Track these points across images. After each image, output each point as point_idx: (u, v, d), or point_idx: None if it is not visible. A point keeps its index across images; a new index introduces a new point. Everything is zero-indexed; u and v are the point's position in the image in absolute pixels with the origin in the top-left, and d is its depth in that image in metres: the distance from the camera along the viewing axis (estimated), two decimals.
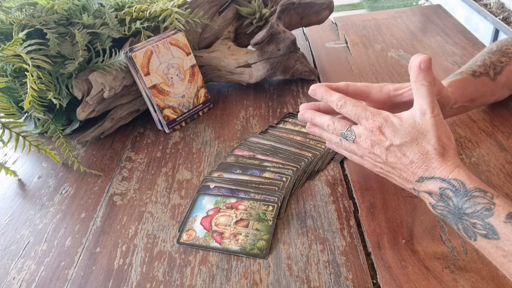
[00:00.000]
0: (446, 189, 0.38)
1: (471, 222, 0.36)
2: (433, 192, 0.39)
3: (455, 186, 0.37)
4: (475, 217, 0.35)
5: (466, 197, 0.36)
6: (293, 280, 0.43)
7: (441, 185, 0.38)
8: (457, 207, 0.37)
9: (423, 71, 0.41)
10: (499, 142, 0.57)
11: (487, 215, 0.35)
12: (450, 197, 0.37)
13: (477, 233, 0.36)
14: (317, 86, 0.48)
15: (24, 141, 0.62)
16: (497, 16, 1.96)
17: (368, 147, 0.43)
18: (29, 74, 0.58)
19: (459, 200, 0.37)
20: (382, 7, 3.23)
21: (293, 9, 0.77)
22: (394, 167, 0.42)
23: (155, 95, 0.65)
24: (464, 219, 0.36)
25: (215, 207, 0.53)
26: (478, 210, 0.35)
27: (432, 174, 0.39)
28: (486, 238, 0.35)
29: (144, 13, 0.68)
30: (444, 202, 0.38)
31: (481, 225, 0.35)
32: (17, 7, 0.64)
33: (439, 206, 0.39)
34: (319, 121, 0.49)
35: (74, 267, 0.48)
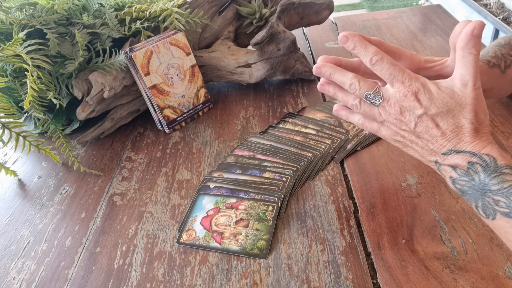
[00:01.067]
0: (476, 163, 0.36)
1: (494, 199, 0.35)
2: (459, 166, 0.37)
3: (486, 161, 0.36)
4: (500, 194, 0.34)
5: (495, 173, 0.35)
6: (293, 280, 0.43)
7: (470, 159, 0.36)
8: (483, 182, 0.35)
9: (474, 38, 0.37)
10: (499, 142, 0.57)
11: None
12: (478, 172, 0.36)
13: (498, 211, 0.34)
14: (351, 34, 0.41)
15: (24, 141, 0.62)
16: (497, 16, 1.96)
17: (396, 113, 0.40)
18: (29, 74, 0.58)
19: (487, 175, 0.35)
20: (382, 7, 3.23)
21: (293, 9, 0.77)
22: (421, 137, 0.40)
23: (155, 95, 0.65)
24: (486, 196, 0.35)
25: (215, 207, 0.53)
26: (505, 187, 0.34)
27: (463, 148, 0.37)
28: (507, 217, 0.34)
29: (144, 13, 0.68)
30: (469, 177, 0.36)
31: (505, 202, 0.34)
32: (17, 7, 0.64)
33: (461, 181, 0.37)
34: (340, 78, 0.43)
35: (74, 267, 0.48)
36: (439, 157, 0.39)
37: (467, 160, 0.37)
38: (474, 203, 0.37)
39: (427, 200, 0.49)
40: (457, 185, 0.38)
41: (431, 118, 0.38)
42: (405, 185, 0.52)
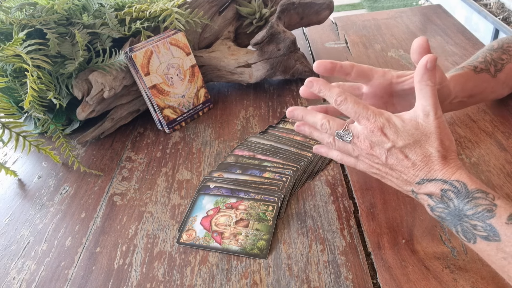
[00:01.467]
0: (448, 190, 0.37)
1: (471, 224, 0.36)
2: (433, 194, 0.38)
3: (457, 188, 0.37)
4: (476, 219, 0.35)
5: (467, 198, 0.36)
6: (293, 280, 0.43)
7: (442, 187, 0.38)
8: (458, 208, 0.36)
9: (428, 71, 0.40)
10: (499, 142, 0.57)
11: (488, 216, 0.35)
12: (451, 199, 0.37)
13: (477, 235, 0.35)
14: (315, 79, 0.44)
15: (24, 141, 0.62)
16: (497, 16, 1.96)
17: (367, 148, 0.42)
18: (29, 74, 0.58)
19: (460, 201, 0.36)
20: (382, 7, 3.23)
21: (293, 9, 0.77)
22: (394, 169, 0.41)
23: (155, 95, 0.65)
24: (464, 221, 0.36)
25: (215, 207, 0.53)
26: (480, 212, 0.35)
27: (434, 176, 0.39)
28: (486, 240, 0.35)
29: (144, 13, 0.68)
30: (445, 204, 0.38)
31: (482, 226, 0.35)
32: (17, 7, 0.64)
33: (438, 208, 0.38)
34: (311, 120, 0.46)
35: (74, 267, 0.48)
36: (414, 187, 0.40)
37: (439, 188, 0.38)
38: (454, 228, 0.38)
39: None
40: (436, 212, 0.39)
41: (400, 150, 0.40)
42: None
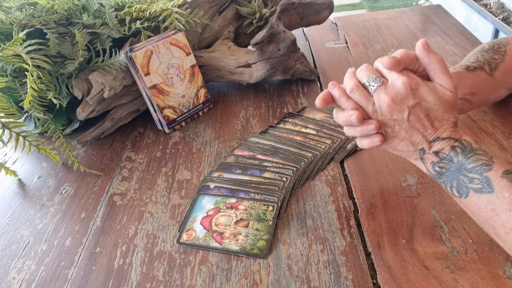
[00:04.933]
0: (457, 147, 0.40)
1: (469, 177, 0.39)
2: (442, 150, 0.41)
3: (464, 145, 0.40)
4: (475, 171, 0.38)
5: (471, 153, 0.39)
6: (293, 280, 0.43)
7: (453, 144, 0.40)
8: (461, 162, 0.39)
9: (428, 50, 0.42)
10: (499, 142, 0.57)
11: (486, 169, 0.38)
12: (458, 153, 0.40)
13: (471, 189, 0.38)
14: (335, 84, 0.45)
15: (24, 141, 0.62)
16: (497, 16, 1.96)
17: (391, 100, 0.41)
18: (29, 74, 0.58)
19: (464, 156, 0.39)
20: (382, 7, 3.23)
21: (293, 9, 0.77)
22: (413, 126, 0.42)
23: (155, 95, 0.65)
24: (462, 174, 0.39)
25: (215, 207, 0.53)
26: (479, 165, 0.38)
27: (447, 135, 0.41)
28: (478, 193, 0.38)
29: (144, 13, 0.68)
30: (449, 159, 0.40)
31: (479, 179, 0.38)
32: (17, 7, 0.64)
33: (442, 164, 0.41)
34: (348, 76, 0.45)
35: (74, 267, 0.48)
36: (426, 145, 0.42)
37: (450, 145, 0.41)
38: (449, 183, 0.40)
39: (427, 200, 0.49)
40: (437, 168, 0.41)
41: (425, 108, 0.42)
42: (405, 185, 0.52)
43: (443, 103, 0.42)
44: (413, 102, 0.41)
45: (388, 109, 0.42)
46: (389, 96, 0.41)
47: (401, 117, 0.42)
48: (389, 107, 0.41)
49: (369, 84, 0.43)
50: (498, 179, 0.37)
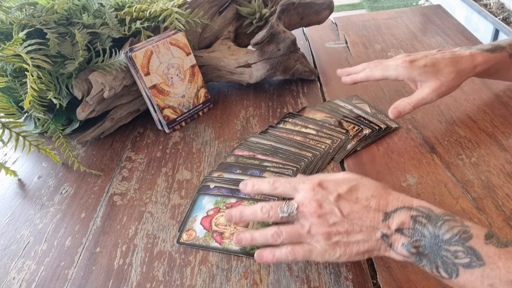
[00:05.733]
0: (417, 216, 0.35)
1: (451, 251, 0.33)
2: (405, 225, 0.35)
3: (424, 212, 0.35)
4: (455, 243, 0.33)
5: (439, 221, 0.34)
6: (293, 280, 0.43)
7: (411, 213, 0.35)
8: (434, 234, 0.34)
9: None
10: (499, 142, 0.57)
11: (466, 238, 0.33)
12: (424, 224, 0.34)
13: (459, 265, 0.32)
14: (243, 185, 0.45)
15: (24, 141, 0.62)
16: (497, 16, 1.96)
17: (316, 209, 0.38)
18: (29, 74, 0.58)
19: (434, 226, 0.34)
20: (382, 7, 3.23)
21: (293, 9, 0.77)
22: (353, 219, 0.37)
23: (155, 95, 0.65)
24: (443, 250, 0.33)
25: (215, 207, 0.53)
26: (457, 234, 0.33)
27: (395, 206, 0.36)
28: (469, 269, 0.32)
29: (144, 13, 0.68)
30: (419, 233, 0.34)
31: (463, 251, 0.32)
32: (17, 7, 0.64)
33: (414, 242, 0.35)
34: (248, 211, 0.42)
35: (74, 267, 0.48)
36: (382, 228, 0.36)
37: (409, 215, 0.35)
38: (434, 264, 0.34)
39: (427, 200, 0.49)
40: (412, 249, 0.35)
41: (348, 195, 0.38)
42: (405, 185, 0.52)
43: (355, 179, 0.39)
44: (333, 196, 0.38)
45: (320, 219, 0.38)
46: (312, 207, 0.38)
47: (337, 217, 0.37)
48: (319, 216, 0.38)
49: (288, 214, 0.39)
50: (485, 248, 0.32)
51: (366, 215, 0.37)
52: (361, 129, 0.62)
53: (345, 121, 0.64)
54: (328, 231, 0.38)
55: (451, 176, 0.52)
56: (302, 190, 0.40)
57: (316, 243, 0.38)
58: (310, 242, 0.39)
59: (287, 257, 0.39)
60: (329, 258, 0.38)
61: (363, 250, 0.37)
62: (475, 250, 0.32)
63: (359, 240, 0.37)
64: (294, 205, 0.39)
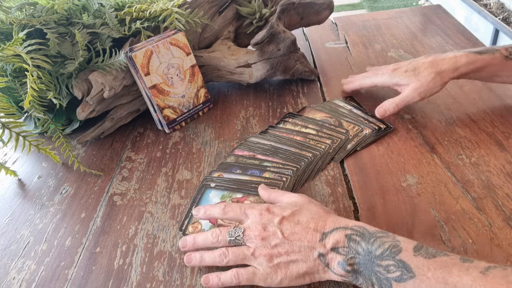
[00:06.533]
0: (352, 234, 0.37)
1: (383, 266, 0.34)
2: (340, 243, 0.37)
3: (359, 231, 0.37)
4: (386, 257, 0.35)
5: (372, 238, 0.36)
6: None
7: (346, 232, 0.38)
8: (367, 251, 0.36)
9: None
10: (499, 142, 0.57)
11: (396, 251, 0.35)
12: (358, 242, 0.36)
13: (391, 280, 0.34)
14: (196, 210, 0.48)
15: (24, 141, 0.62)
16: (497, 16, 1.96)
17: (260, 232, 0.41)
18: (29, 74, 0.58)
19: (367, 242, 0.36)
20: (382, 7, 3.23)
21: (293, 9, 0.77)
22: (293, 239, 0.39)
23: (155, 95, 0.65)
24: (376, 265, 0.35)
25: (221, 201, 0.53)
26: (387, 249, 0.35)
27: (333, 227, 0.39)
28: (401, 282, 0.33)
29: (144, 13, 0.68)
30: (353, 251, 0.36)
31: (394, 265, 0.34)
32: (17, 7, 0.64)
33: (349, 260, 0.36)
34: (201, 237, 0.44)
35: (74, 267, 0.48)
36: (319, 248, 0.38)
37: (343, 234, 0.38)
38: (369, 282, 0.36)
39: (427, 200, 0.49)
40: (348, 267, 0.36)
41: (291, 218, 0.41)
42: (405, 185, 0.52)
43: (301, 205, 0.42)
44: (277, 219, 0.41)
45: (263, 241, 0.40)
46: (257, 230, 0.41)
47: (278, 239, 0.40)
48: (263, 238, 0.40)
49: (235, 238, 0.42)
50: (414, 259, 0.34)
51: (305, 236, 0.39)
52: (361, 129, 0.62)
53: (345, 121, 0.64)
54: (270, 252, 0.40)
55: (451, 176, 0.52)
56: (251, 215, 0.43)
57: (259, 265, 0.40)
58: (254, 264, 0.41)
59: (232, 280, 0.41)
60: (271, 282, 0.40)
61: (303, 271, 0.39)
62: (405, 263, 0.34)
63: (298, 260, 0.39)
64: (241, 229, 0.42)
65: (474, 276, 0.31)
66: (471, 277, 0.31)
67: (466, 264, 0.32)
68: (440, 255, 0.34)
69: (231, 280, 0.41)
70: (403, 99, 0.59)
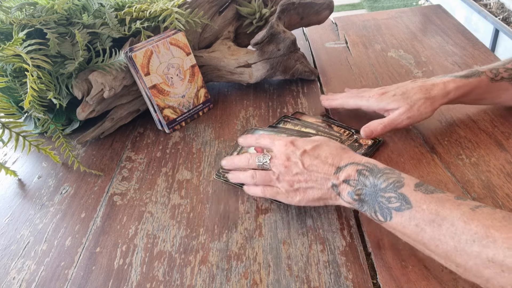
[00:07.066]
0: (363, 169, 0.42)
1: (386, 197, 0.39)
2: (351, 177, 0.42)
3: (369, 167, 0.42)
4: (389, 190, 0.39)
5: (379, 173, 0.41)
6: (293, 280, 0.43)
7: (357, 168, 0.43)
8: (373, 184, 0.41)
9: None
10: (499, 142, 0.57)
11: (399, 186, 0.39)
12: (367, 176, 0.42)
13: (392, 209, 0.39)
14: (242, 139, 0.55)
15: (24, 141, 0.62)
16: (497, 16, 1.96)
17: (284, 161, 0.47)
18: (29, 74, 0.58)
19: (375, 177, 0.41)
20: (382, 7, 3.23)
21: (293, 9, 0.77)
22: (312, 170, 0.45)
23: (155, 95, 0.65)
24: (379, 196, 0.40)
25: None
26: (391, 183, 0.40)
27: (347, 162, 0.44)
28: (400, 211, 0.38)
29: (144, 13, 0.68)
30: (362, 183, 0.42)
31: (395, 197, 0.39)
32: (17, 7, 0.64)
33: (357, 190, 0.42)
34: (237, 159, 0.53)
35: (74, 267, 0.48)
36: (333, 179, 0.44)
37: (355, 169, 0.43)
38: (373, 209, 0.41)
39: None
40: (355, 196, 0.42)
41: (312, 151, 0.47)
42: None
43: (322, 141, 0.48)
44: (300, 152, 0.47)
45: (286, 169, 0.47)
46: (281, 159, 0.47)
47: (299, 168, 0.46)
48: (286, 166, 0.47)
49: (262, 163, 0.49)
50: (413, 193, 0.38)
51: (322, 168, 0.45)
52: (351, 134, 0.61)
53: (336, 126, 0.64)
54: (292, 179, 0.47)
55: (451, 176, 0.52)
56: (277, 145, 0.49)
57: (282, 187, 0.48)
58: (277, 185, 0.49)
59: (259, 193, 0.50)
60: (291, 200, 0.48)
61: (317, 196, 0.46)
62: (405, 196, 0.39)
63: (314, 187, 0.46)
64: (268, 156, 0.49)
65: (464, 211, 0.35)
66: (460, 211, 0.35)
67: (459, 201, 0.36)
68: (438, 192, 0.38)
69: (258, 193, 0.51)
70: (392, 121, 0.57)
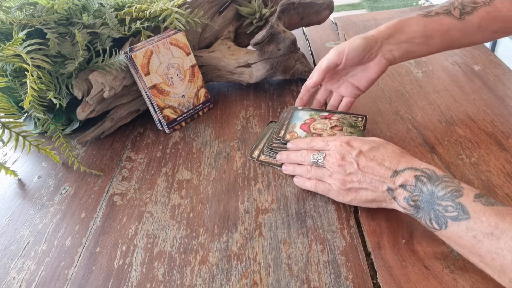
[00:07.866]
0: (421, 176, 0.41)
1: (443, 205, 0.38)
2: (408, 182, 0.41)
3: (428, 173, 0.41)
4: (447, 199, 0.38)
5: (438, 181, 0.40)
6: (293, 280, 0.43)
7: (415, 173, 0.41)
8: (431, 191, 0.40)
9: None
10: (499, 142, 0.57)
11: (457, 195, 0.38)
12: (425, 183, 0.40)
13: (448, 218, 0.38)
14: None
15: (24, 141, 0.62)
16: None
17: (338, 160, 0.47)
18: (29, 74, 0.58)
19: (433, 184, 0.40)
20: (382, 7, 3.23)
21: (293, 9, 0.77)
22: (366, 172, 0.45)
23: (155, 95, 0.65)
24: (436, 204, 0.39)
25: (310, 118, 0.60)
26: (449, 192, 0.39)
27: (405, 166, 0.43)
28: (456, 221, 0.37)
29: (144, 13, 0.68)
30: (419, 190, 0.41)
31: (453, 206, 0.38)
32: (17, 7, 0.64)
33: (414, 196, 0.41)
34: (293, 155, 0.54)
35: (74, 267, 0.48)
36: (389, 182, 0.43)
37: (413, 175, 0.42)
38: (428, 216, 0.40)
39: None
40: (411, 202, 0.41)
41: (368, 153, 0.46)
42: None
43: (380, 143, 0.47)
44: (355, 152, 0.46)
45: (340, 168, 0.47)
46: (336, 158, 0.47)
47: (353, 168, 0.46)
48: (340, 166, 0.47)
49: (317, 161, 0.49)
50: (472, 204, 0.37)
51: (378, 170, 0.44)
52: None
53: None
54: (345, 178, 0.46)
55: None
56: (333, 144, 0.49)
57: (334, 185, 0.48)
58: (329, 182, 0.49)
59: (312, 188, 0.51)
60: (342, 199, 0.48)
61: (371, 198, 0.45)
62: (463, 206, 0.37)
63: (367, 189, 0.45)
64: (323, 154, 0.49)
65: None
66: None
67: None
68: (498, 205, 0.37)
69: (311, 187, 0.51)
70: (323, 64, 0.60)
